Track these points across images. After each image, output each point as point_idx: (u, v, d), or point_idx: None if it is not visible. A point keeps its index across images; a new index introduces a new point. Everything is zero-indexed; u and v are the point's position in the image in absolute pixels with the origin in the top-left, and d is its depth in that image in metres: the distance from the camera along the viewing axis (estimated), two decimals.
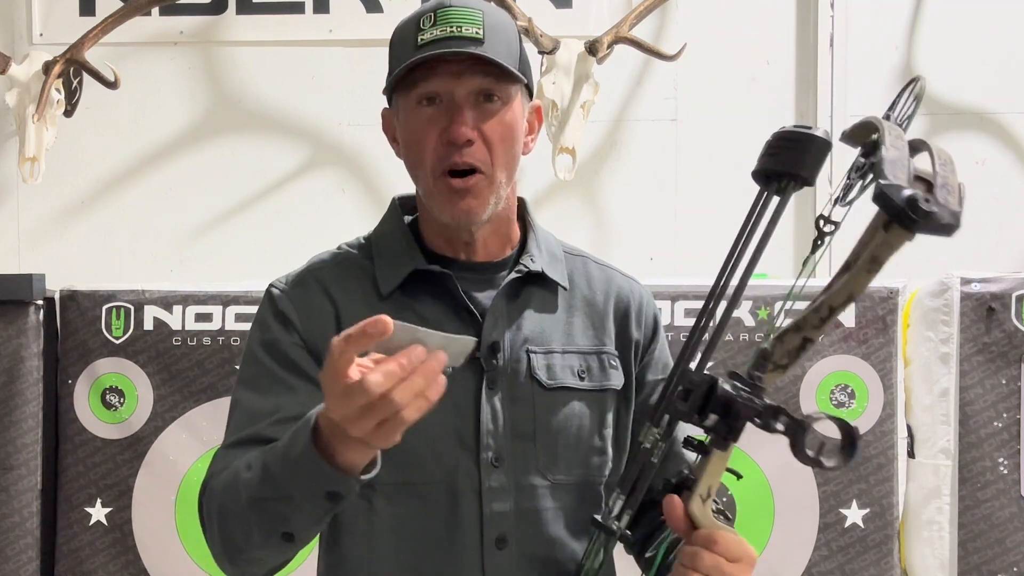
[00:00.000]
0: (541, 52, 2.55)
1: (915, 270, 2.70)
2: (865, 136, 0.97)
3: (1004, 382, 2.34)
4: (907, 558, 2.39)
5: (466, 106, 1.14)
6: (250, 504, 1.04)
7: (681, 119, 2.94)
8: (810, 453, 0.91)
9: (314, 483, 0.97)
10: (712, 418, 0.94)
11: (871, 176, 0.94)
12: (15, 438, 2.38)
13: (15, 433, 2.38)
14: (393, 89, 1.19)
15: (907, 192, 0.89)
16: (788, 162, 0.99)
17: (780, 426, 0.92)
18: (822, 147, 0.99)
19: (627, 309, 1.29)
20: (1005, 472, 2.33)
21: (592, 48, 2.56)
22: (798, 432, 0.92)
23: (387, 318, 0.87)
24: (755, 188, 1.05)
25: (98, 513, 2.41)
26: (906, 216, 0.89)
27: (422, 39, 1.14)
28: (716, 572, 0.98)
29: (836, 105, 2.88)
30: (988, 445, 2.34)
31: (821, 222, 0.99)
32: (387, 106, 1.25)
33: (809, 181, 0.99)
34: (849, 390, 2.35)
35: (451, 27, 1.13)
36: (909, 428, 2.40)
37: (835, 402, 2.35)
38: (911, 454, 2.40)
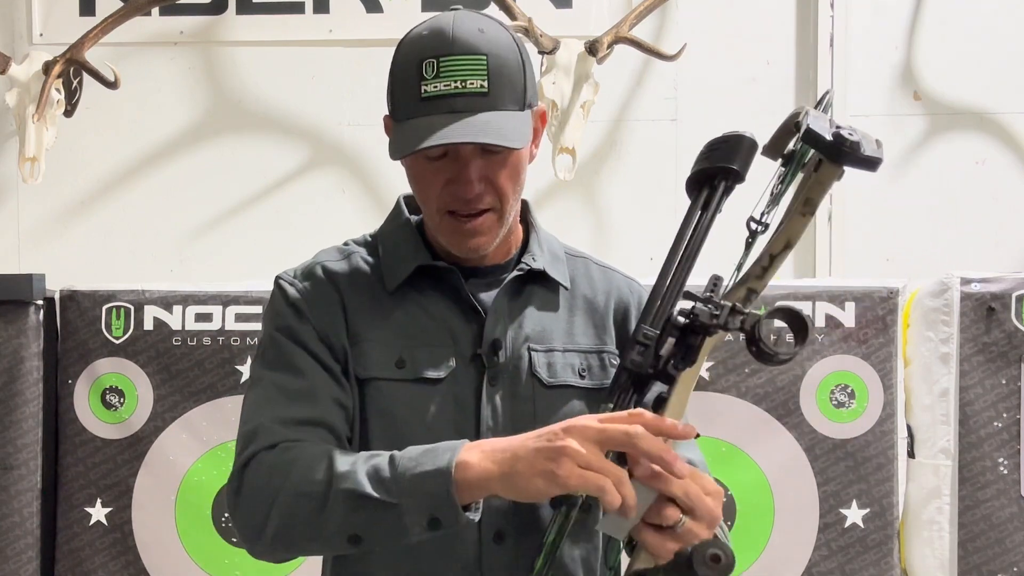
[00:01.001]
0: (541, 52, 2.55)
1: (915, 270, 2.71)
2: (784, 145, 1.04)
3: (1004, 382, 2.34)
4: (907, 558, 2.39)
5: (472, 160, 1.13)
6: (344, 496, 1.03)
7: (681, 119, 2.94)
8: (767, 346, 0.95)
9: (429, 503, 0.99)
10: (669, 342, 0.98)
11: (791, 168, 1.02)
12: (15, 438, 2.38)
13: (15, 433, 2.38)
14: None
15: (832, 129, 0.96)
16: (719, 160, 1.05)
17: (737, 323, 0.96)
18: (750, 146, 1.05)
19: (627, 309, 1.30)
20: (1005, 472, 2.33)
21: (592, 48, 2.56)
22: (755, 326, 0.95)
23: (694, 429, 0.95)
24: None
25: (98, 513, 2.41)
26: (833, 148, 0.96)
27: (426, 91, 1.11)
28: (691, 498, 0.96)
29: (836, 105, 2.88)
30: (988, 445, 2.34)
31: (752, 224, 1.04)
32: (387, 114, 1.23)
33: (740, 176, 1.05)
34: (849, 390, 2.35)
35: (455, 81, 1.11)
36: (909, 428, 2.40)
37: (835, 402, 2.35)
38: (911, 454, 2.40)
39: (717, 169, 1.04)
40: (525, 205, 1.29)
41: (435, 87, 1.11)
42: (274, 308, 1.24)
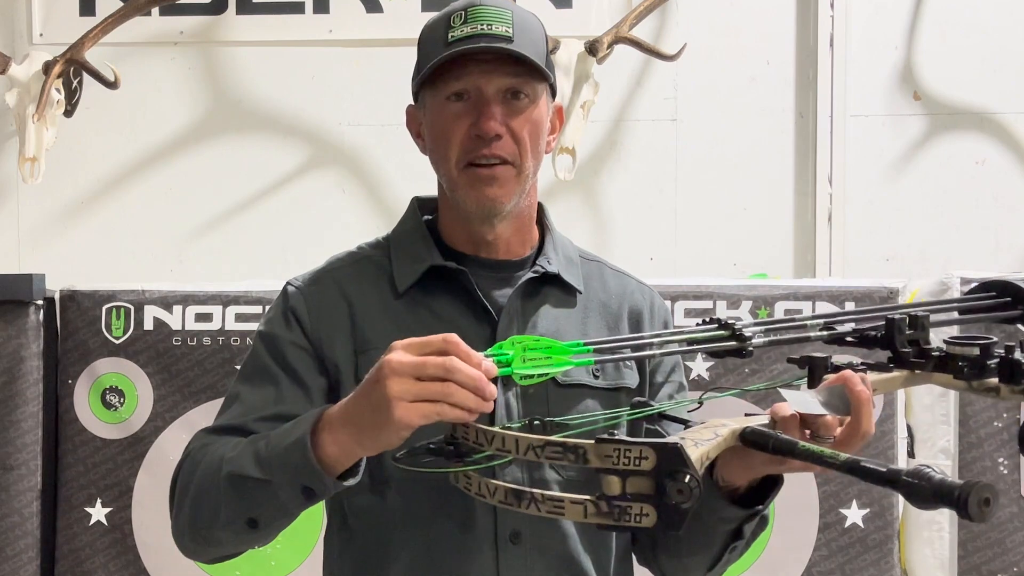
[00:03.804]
0: None
1: (915, 270, 2.71)
2: None
3: None
4: (907, 558, 2.39)
5: (495, 102, 1.16)
6: (229, 480, 1.07)
7: (681, 119, 2.94)
8: None
9: (297, 475, 1.01)
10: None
11: None
12: (15, 438, 2.38)
13: (15, 433, 2.38)
14: (421, 85, 1.21)
15: None
16: None
17: None
18: None
19: (640, 313, 1.31)
20: (1005, 472, 2.33)
21: (592, 48, 2.57)
22: None
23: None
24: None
25: (98, 513, 2.41)
26: None
27: (452, 36, 1.15)
28: (857, 442, 1.00)
29: (836, 105, 2.89)
30: (988, 445, 2.34)
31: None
32: (412, 103, 1.26)
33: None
34: None
35: (482, 25, 1.15)
36: (909, 428, 2.40)
37: None
38: (911, 454, 2.40)
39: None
40: (541, 208, 1.31)
41: (462, 31, 1.15)
42: (269, 312, 1.27)
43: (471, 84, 1.16)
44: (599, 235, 2.92)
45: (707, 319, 1.01)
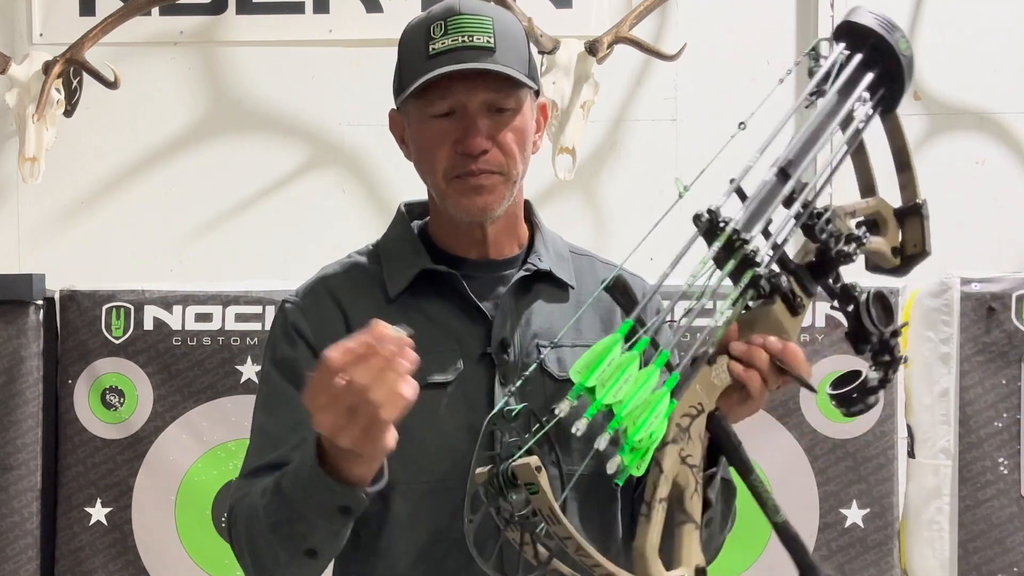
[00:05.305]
0: (541, 52, 2.55)
1: (915, 270, 2.70)
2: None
3: (1004, 382, 2.34)
4: (907, 558, 2.39)
5: (480, 117, 1.16)
6: (271, 528, 1.08)
7: (681, 119, 2.94)
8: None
9: (325, 500, 1.01)
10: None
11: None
12: (15, 438, 2.38)
13: (15, 433, 2.38)
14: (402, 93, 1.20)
15: None
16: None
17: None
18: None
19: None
20: (1005, 472, 2.33)
21: (592, 48, 2.57)
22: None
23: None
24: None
25: (98, 513, 2.41)
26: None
27: (434, 48, 1.14)
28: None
29: None
30: (988, 445, 2.34)
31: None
32: (394, 107, 1.25)
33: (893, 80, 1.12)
34: None
35: (463, 36, 1.14)
36: (909, 428, 2.40)
37: None
38: (911, 454, 2.40)
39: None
40: (529, 206, 1.31)
41: (443, 43, 1.14)
42: (272, 335, 1.27)
43: (456, 102, 1.15)
44: (599, 235, 2.92)
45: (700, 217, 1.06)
